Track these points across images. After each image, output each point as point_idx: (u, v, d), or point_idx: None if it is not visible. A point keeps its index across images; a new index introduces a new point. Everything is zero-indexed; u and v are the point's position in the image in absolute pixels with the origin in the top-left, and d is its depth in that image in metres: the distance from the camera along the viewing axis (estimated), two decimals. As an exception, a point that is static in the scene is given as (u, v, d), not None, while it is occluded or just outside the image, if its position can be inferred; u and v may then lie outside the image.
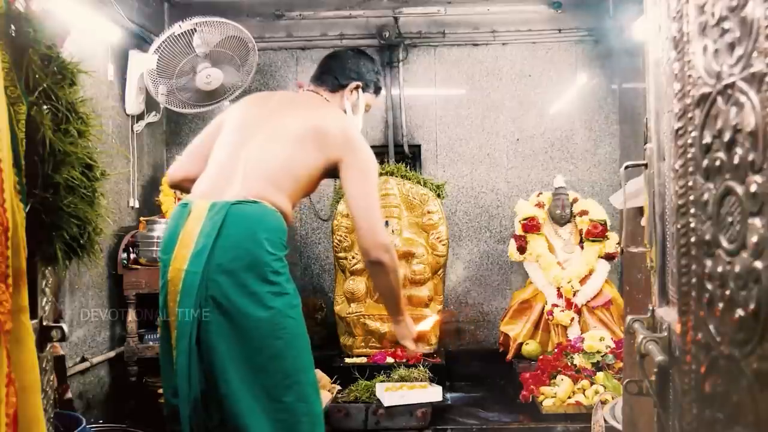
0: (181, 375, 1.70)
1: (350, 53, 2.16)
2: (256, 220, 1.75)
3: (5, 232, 1.05)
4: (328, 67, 2.11)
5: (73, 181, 1.30)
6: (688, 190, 0.85)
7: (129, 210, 3.62)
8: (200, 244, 1.70)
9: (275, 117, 1.92)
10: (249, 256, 1.71)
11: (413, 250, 3.58)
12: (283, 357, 1.74)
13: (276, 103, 1.98)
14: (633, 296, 1.58)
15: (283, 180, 1.84)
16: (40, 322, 1.30)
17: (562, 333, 3.51)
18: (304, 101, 2.05)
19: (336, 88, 2.08)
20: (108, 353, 3.36)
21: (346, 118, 2.04)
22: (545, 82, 4.24)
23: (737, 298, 0.69)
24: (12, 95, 1.15)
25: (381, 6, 4.15)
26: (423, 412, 2.91)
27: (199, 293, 1.68)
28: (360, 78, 2.11)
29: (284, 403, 1.73)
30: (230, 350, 1.70)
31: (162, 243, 1.83)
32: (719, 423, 0.74)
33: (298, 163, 1.86)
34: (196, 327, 1.69)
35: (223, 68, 3.59)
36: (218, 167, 1.87)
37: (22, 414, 1.10)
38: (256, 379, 1.71)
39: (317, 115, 1.94)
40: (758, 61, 0.64)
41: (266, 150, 1.84)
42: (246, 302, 1.70)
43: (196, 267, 1.69)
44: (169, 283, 1.74)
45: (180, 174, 2.01)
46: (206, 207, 1.74)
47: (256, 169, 1.81)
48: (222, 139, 1.93)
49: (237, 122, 1.94)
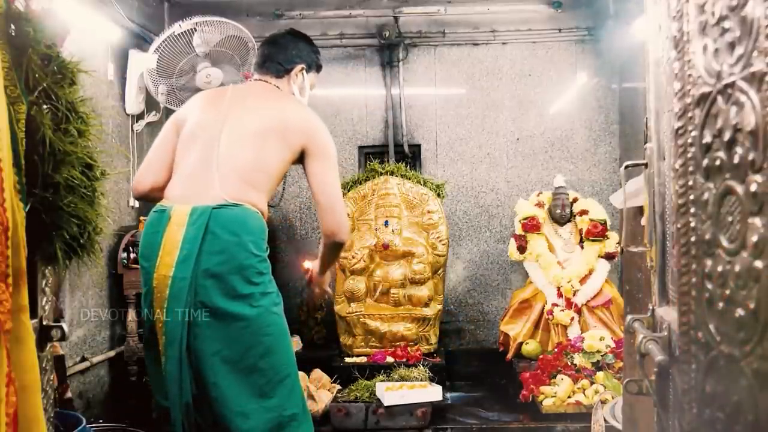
0: (172, 380, 1.71)
1: (288, 37, 2.16)
2: (240, 223, 1.76)
3: (5, 232, 1.05)
4: (269, 53, 2.11)
5: (73, 181, 1.30)
6: (688, 190, 0.85)
7: (129, 209, 3.62)
8: (185, 250, 1.71)
9: (235, 115, 1.91)
10: (235, 260, 1.73)
11: (413, 249, 3.58)
12: (273, 353, 1.77)
13: (231, 100, 1.96)
14: (633, 296, 1.58)
15: (258, 179, 1.85)
16: (40, 322, 1.30)
17: (562, 332, 3.51)
18: (257, 94, 2.03)
19: (281, 73, 2.09)
20: (108, 353, 3.36)
21: (303, 106, 2.05)
22: (545, 82, 4.24)
23: (737, 297, 0.69)
24: (12, 95, 1.15)
25: (381, 5, 4.15)
26: (423, 411, 2.91)
27: (188, 299, 1.69)
28: (302, 60, 2.13)
29: (276, 398, 1.76)
30: (220, 353, 1.72)
31: (141, 250, 1.82)
32: (719, 422, 0.74)
33: (269, 159, 1.87)
34: (186, 333, 1.70)
35: (223, 68, 3.59)
36: (189, 171, 1.86)
37: (22, 413, 1.10)
38: (248, 379, 1.73)
39: (276, 108, 1.95)
40: (758, 61, 0.64)
41: (235, 150, 1.85)
42: (234, 304, 1.72)
43: (183, 273, 1.70)
44: (154, 290, 1.74)
45: (147, 184, 1.97)
46: (187, 212, 1.74)
47: (230, 171, 1.82)
48: (185, 143, 1.92)
49: (196, 125, 1.93)
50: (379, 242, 3.54)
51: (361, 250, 3.59)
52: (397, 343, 3.54)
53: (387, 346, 3.54)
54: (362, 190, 3.72)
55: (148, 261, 1.77)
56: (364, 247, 3.60)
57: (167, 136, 1.99)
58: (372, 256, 3.62)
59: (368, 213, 3.68)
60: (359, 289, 3.58)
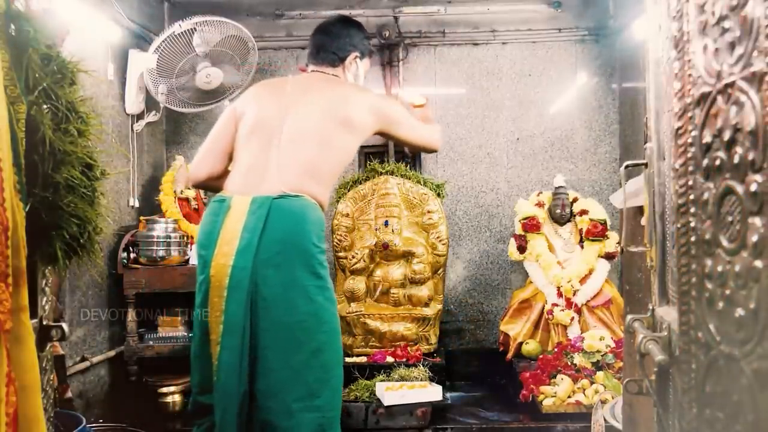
0: (229, 371, 1.67)
1: (339, 25, 2.16)
2: (301, 213, 1.75)
3: (5, 232, 1.05)
4: (322, 43, 2.12)
5: (73, 181, 1.30)
6: (688, 190, 0.85)
7: (129, 209, 3.62)
8: (245, 240, 1.70)
9: (297, 107, 1.92)
10: (296, 250, 1.71)
11: (413, 249, 3.58)
12: (324, 351, 1.75)
13: (292, 93, 1.97)
14: (633, 295, 1.58)
15: (319, 170, 1.85)
16: (40, 322, 1.30)
17: (562, 332, 3.51)
18: (318, 85, 2.04)
19: (336, 62, 2.11)
20: (108, 353, 3.36)
21: (364, 90, 2.08)
22: (545, 82, 4.24)
23: (737, 297, 0.69)
24: (12, 94, 1.15)
25: (381, 5, 4.14)
26: (423, 411, 2.91)
27: (249, 288, 1.67)
28: (356, 48, 2.14)
29: (322, 399, 1.73)
30: (274, 346, 1.69)
31: (200, 239, 1.82)
32: (719, 422, 0.74)
33: (332, 150, 1.88)
34: (248, 322, 1.67)
35: (223, 68, 3.59)
36: (251, 163, 1.86)
37: (22, 413, 1.10)
38: (298, 375, 1.71)
39: (338, 98, 1.96)
40: (758, 61, 0.64)
41: (297, 143, 1.85)
42: (294, 296, 1.70)
43: (243, 262, 1.68)
44: (212, 278, 1.72)
45: (204, 173, 1.99)
46: (247, 202, 1.74)
47: (292, 163, 1.82)
48: (246, 135, 1.92)
49: (257, 118, 1.93)
50: (379, 242, 3.54)
51: (361, 249, 3.59)
52: (397, 343, 3.54)
53: (387, 345, 3.54)
54: (362, 190, 3.72)
55: (206, 249, 1.76)
56: (364, 246, 3.60)
57: (225, 126, 2.00)
58: (372, 256, 3.62)
59: (368, 213, 3.68)
60: (359, 289, 3.58)
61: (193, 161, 2.04)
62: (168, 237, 3.38)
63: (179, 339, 3.40)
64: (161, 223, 3.43)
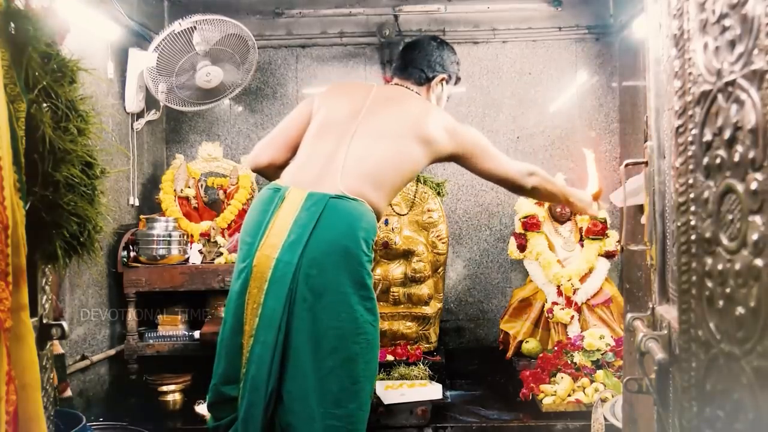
0: (260, 366, 1.63)
1: (433, 44, 2.13)
2: (356, 217, 1.69)
3: (5, 230, 1.05)
4: (412, 59, 2.08)
5: (72, 179, 1.30)
6: (689, 188, 0.85)
7: (129, 208, 3.62)
8: (294, 234, 1.64)
9: (373, 114, 1.88)
10: (345, 253, 1.65)
11: (413, 248, 3.58)
12: (356, 362, 1.67)
13: (372, 99, 1.94)
14: (633, 294, 1.58)
15: (383, 179, 1.80)
16: (40, 320, 1.30)
17: (562, 331, 3.51)
18: (400, 98, 2.00)
19: (423, 81, 2.08)
20: (108, 351, 3.36)
21: (444, 114, 2.02)
22: (545, 80, 4.24)
23: (737, 295, 0.69)
24: (11, 93, 1.15)
25: (381, 4, 4.14)
26: (423, 410, 2.91)
27: (292, 285, 1.62)
28: (445, 70, 2.12)
29: (346, 409, 1.65)
30: (307, 347, 1.63)
31: (247, 226, 1.76)
32: (719, 421, 0.74)
33: (401, 162, 1.84)
34: (287, 319, 1.62)
35: (223, 66, 3.59)
36: (315, 158, 1.82)
37: (22, 412, 1.10)
38: (325, 381, 1.64)
39: (417, 114, 1.91)
40: (759, 59, 0.64)
41: (366, 148, 1.81)
42: (335, 301, 1.64)
43: (289, 257, 1.63)
44: (254, 268, 1.66)
45: (266, 159, 1.96)
46: (303, 196, 1.69)
47: (358, 166, 1.77)
48: (316, 131, 1.88)
49: (331, 116, 1.90)
50: (379, 240, 3.54)
51: (361, 248, 3.59)
52: (397, 341, 3.54)
53: (387, 344, 3.54)
54: (362, 189, 3.71)
55: (252, 238, 1.70)
56: (364, 245, 3.60)
57: (298, 117, 1.97)
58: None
59: (368, 211, 3.68)
60: (359, 288, 3.57)
61: (258, 145, 2.00)
62: (168, 236, 3.38)
63: (179, 338, 3.40)
64: (161, 222, 3.43)
